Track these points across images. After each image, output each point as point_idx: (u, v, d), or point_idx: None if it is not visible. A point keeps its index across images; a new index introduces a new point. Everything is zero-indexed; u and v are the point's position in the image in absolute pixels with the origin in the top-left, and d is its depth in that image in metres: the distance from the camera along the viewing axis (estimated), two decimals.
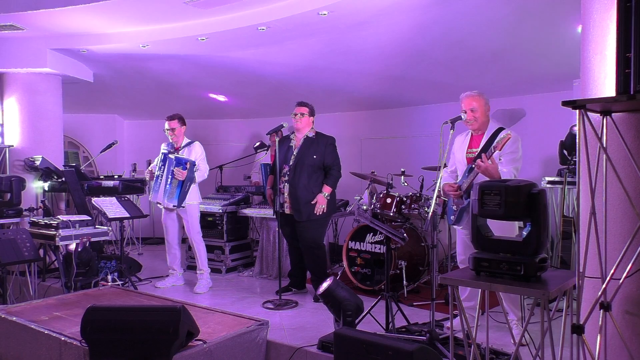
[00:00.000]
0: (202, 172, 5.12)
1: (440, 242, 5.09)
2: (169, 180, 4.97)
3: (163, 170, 5.04)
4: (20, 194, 5.61)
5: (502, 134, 3.46)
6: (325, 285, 3.42)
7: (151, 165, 5.42)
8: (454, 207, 3.75)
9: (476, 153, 3.64)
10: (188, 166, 4.90)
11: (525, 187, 2.24)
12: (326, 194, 4.70)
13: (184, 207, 5.03)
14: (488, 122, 3.72)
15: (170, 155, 5.02)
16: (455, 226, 3.83)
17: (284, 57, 5.80)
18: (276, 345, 3.58)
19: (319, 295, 3.48)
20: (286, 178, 4.74)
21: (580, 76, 2.59)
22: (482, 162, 3.35)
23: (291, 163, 4.74)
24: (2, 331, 3.70)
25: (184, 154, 5.12)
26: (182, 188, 4.92)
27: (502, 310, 3.11)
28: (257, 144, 7.09)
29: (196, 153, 5.16)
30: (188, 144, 5.21)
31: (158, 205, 5.20)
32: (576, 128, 2.12)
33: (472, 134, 3.77)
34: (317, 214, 4.68)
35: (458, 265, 4.00)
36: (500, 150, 3.33)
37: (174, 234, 5.24)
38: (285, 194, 4.73)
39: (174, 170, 4.90)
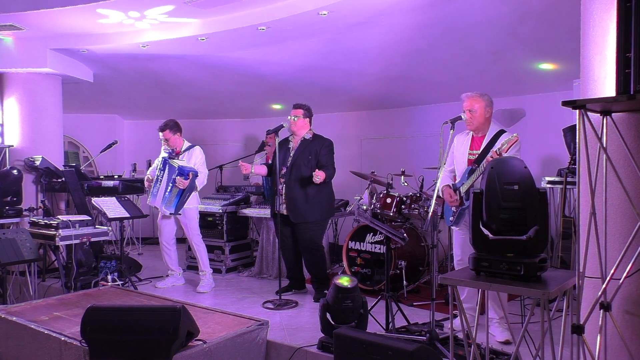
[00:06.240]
0: (202, 178, 5.08)
1: (440, 242, 5.09)
2: (169, 187, 4.91)
3: (162, 176, 4.99)
4: None
5: (506, 136, 3.45)
6: None
7: (149, 170, 5.35)
8: (453, 208, 3.75)
9: (477, 155, 3.63)
10: (190, 176, 4.85)
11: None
12: (319, 177, 4.49)
13: (180, 214, 5.02)
14: (489, 124, 3.70)
15: (171, 162, 4.95)
16: (453, 227, 3.81)
17: (284, 57, 5.80)
18: (276, 345, 3.58)
19: None
20: (284, 179, 4.75)
21: (580, 76, 2.59)
22: (492, 158, 3.30)
23: (288, 164, 4.76)
24: (2, 331, 3.70)
25: (184, 158, 5.09)
26: (182, 197, 4.89)
27: (485, 308, 2.91)
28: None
29: (196, 158, 5.13)
30: (188, 148, 5.18)
31: (155, 208, 5.19)
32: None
33: (473, 135, 3.76)
34: (314, 180, 4.50)
35: (455, 267, 3.97)
36: (506, 152, 3.30)
37: (167, 235, 5.22)
38: (283, 196, 4.74)
39: (176, 178, 4.84)
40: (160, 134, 5.10)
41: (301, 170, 4.69)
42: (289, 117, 4.81)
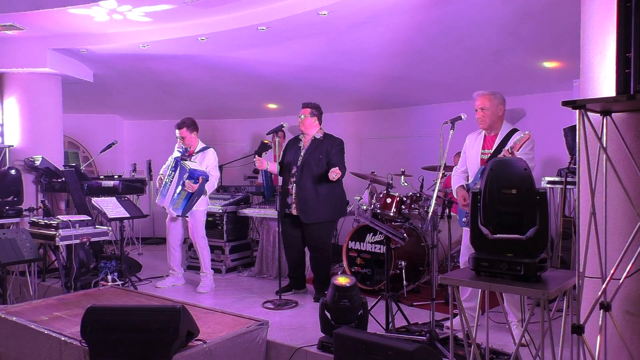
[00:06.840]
0: (212, 181, 5.03)
1: (440, 242, 5.09)
2: (179, 189, 4.86)
3: (173, 177, 4.94)
4: None
5: (518, 135, 3.41)
6: None
7: (163, 168, 5.26)
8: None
9: (489, 154, 3.60)
10: (200, 180, 4.81)
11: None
12: (336, 174, 4.47)
13: (187, 216, 5.00)
14: (501, 122, 3.66)
15: (183, 164, 4.88)
16: (467, 228, 3.78)
17: (284, 57, 5.80)
18: (276, 345, 3.58)
19: None
20: (294, 179, 4.74)
21: (580, 76, 2.59)
22: (504, 156, 3.28)
23: (298, 164, 4.75)
24: (2, 331, 3.70)
25: (196, 159, 5.05)
26: (190, 200, 4.85)
27: (502, 310, 3.11)
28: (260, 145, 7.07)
29: (209, 160, 5.09)
30: (202, 150, 5.14)
31: (163, 208, 5.18)
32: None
33: (485, 134, 3.72)
34: (331, 178, 4.48)
35: (460, 265, 3.97)
36: (518, 150, 3.27)
37: (175, 236, 5.22)
38: (293, 195, 4.73)
39: (185, 181, 4.79)
40: (177, 131, 5.05)
41: (312, 170, 4.66)
42: (298, 117, 4.82)
